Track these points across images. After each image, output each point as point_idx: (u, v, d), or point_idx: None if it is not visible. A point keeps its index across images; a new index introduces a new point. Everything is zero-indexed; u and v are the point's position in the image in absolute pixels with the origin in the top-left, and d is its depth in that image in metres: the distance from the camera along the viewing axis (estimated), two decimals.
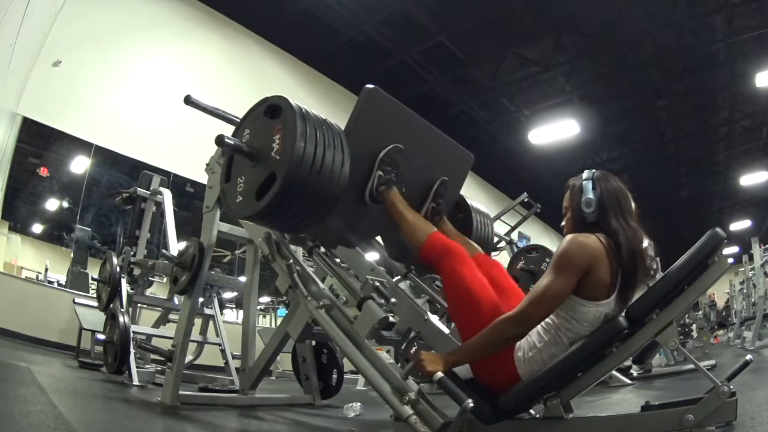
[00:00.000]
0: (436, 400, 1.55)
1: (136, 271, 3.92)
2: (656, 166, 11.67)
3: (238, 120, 2.51)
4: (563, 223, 1.64)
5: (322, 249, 2.15)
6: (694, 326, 7.00)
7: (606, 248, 1.46)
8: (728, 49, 7.49)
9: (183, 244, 2.86)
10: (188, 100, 2.47)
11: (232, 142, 1.67)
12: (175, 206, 3.99)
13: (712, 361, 4.32)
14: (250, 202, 1.66)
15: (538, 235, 11.98)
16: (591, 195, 1.54)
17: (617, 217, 1.52)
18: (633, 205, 1.58)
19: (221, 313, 4.06)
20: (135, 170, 5.23)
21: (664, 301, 1.40)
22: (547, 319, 1.49)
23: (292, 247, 2.26)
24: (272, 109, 1.69)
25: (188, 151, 5.18)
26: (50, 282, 5.75)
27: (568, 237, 1.48)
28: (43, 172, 6.21)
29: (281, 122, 1.63)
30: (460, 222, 2.30)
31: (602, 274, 1.44)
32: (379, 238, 2.43)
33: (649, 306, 1.42)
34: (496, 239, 4.55)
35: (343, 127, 1.78)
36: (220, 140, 1.64)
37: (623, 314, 1.46)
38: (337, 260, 2.33)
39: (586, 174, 1.60)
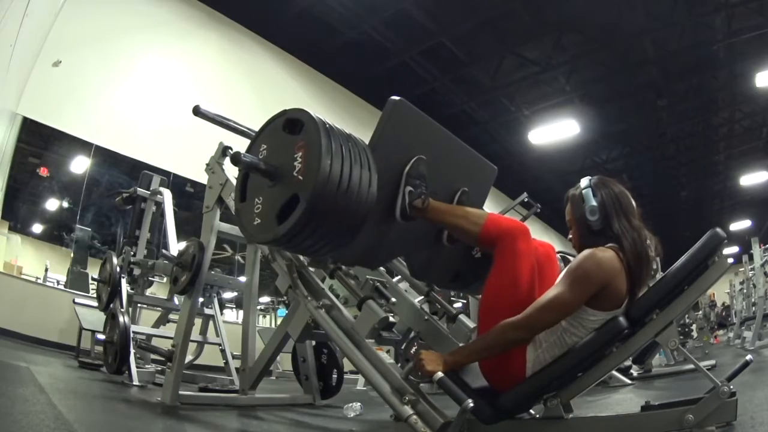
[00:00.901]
0: (436, 400, 1.55)
1: (136, 271, 3.92)
2: (656, 166, 11.68)
3: (248, 130, 2.49)
4: (570, 236, 1.63)
5: (344, 267, 2.05)
6: (694, 326, 7.00)
7: (623, 262, 1.45)
8: (728, 49, 7.50)
9: (183, 244, 2.86)
10: (197, 111, 2.38)
11: (248, 160, 1.54)
12: (175, 206, 3.99)
13: (712, 361, 4.32)
14: (270, 226, 1.52)
15: (538, 235, 11.79)
16: (593, 202, 1.53)
17: (620, 219, 1.52)
18: (634, 203, 1.57)
19: (221, 313, 4.06)
20: (135, 170, 5.24)
21: (664, 301, 1.41)
22: None
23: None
24: (292, 124, 1.56)
25: (188, 151, 5.19)
26: (50, 282, 5.75)
27: (586, 252, 1.46)
28: (43, 172, 6.22)
29: (303, 138, 1.50)
30: None
31: (619, 288, 1.44)
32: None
33: (649, 306, 1.42)
34: None
35: (365, 140, 1.66)
36: (236, 158, 1.51)
37: (623, 314, 1.46)
38: None
39: (584, 182, 1.60)
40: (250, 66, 7.25)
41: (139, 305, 4.09)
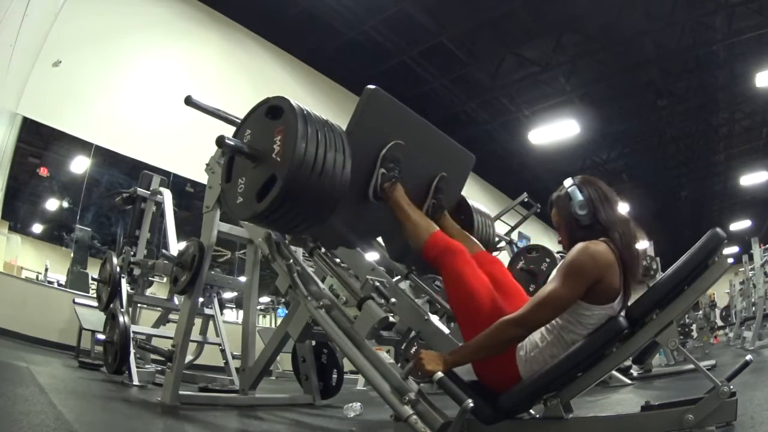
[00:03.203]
0: (436, 400, 1.55)
1: (136, 271, 3.92)
2: (656, 166, 11.67)
3: (237, 119, 2.53)
4: (559, 239, 1.66)
5: (323, 249, 2.13)
6: (694, 326, 7.00)
7: (616, 254, 1.47)
8: (728, 49, 7.50)
9: (183, 244, 2.86)
10: (189, 101, 2.45)
11: (232, 143, 1.65)
12: (175, 206, 3.99)
13: (712, 361, 4.33)
14: (251, 204, 1.64)
15: (538, 235, 11.96)
16: (581, 197, 1.55)
17: (607, 212, 1.54)
18: (616, 196, 1.61)
19: (221, 313, 4.06)
20: (135, 170, 5.23)
21: (664, 301, 1.41)
22: None
23: (293, 247, 2.26)
24: (274, 110, 1.67)
25: (188, 151, 5.18)
26: (50, 282, 5.75)
27: (579, 246, 1.47)
28: (43, 172, 6.21)
29: (282, 123, 1.61)
30: (462, 223, 2.31)
31: (613, 281, 1.45)
32: (379, 239, 2.42)
33: (649, 306, 1.42)
34: (496, 239, 4.54)
35: (344, 127, 1.77)
36: (220, 141, 1.63)
37: (623, 314, 1.46)
38: (337, 260, 2.32)
39: (568, 182, 1.63)
40: (250, 66, 7.24)
41: (139, 305, 4.10)
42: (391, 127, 1.89)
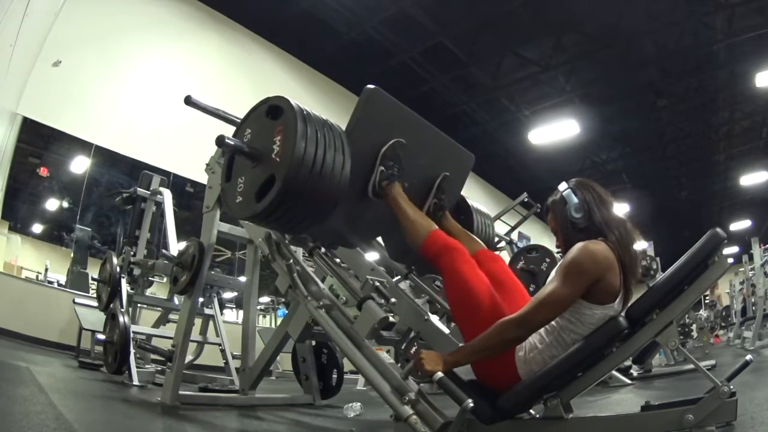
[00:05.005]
0: (436, 400, 1.55)
1: (136, 271, 3.92)
2: (656, 166, 11.67)
3: (237, 119, 2.53)
4: (556, 244, 1.66)
5: (323, 249, 2.14)
6: (694, 326, 7.01)
7: (616, 254, 1.47)
8: (728, 49, 7.49)
9: (183, 244, 2.86)
10: (188, 101, 2.46)
11: (232, 143, 1.66)
12: (175, 206, 3.99)
13: (712, 361, 4.33)
14: (250, 203, 1.65)
15: (538, 235, 11.96)
16: (576, 200, 1.56)
17: (603, 214, 1.55)
18: (611, 197, 1.61)
19: (221, 313, 4.06)
20: (135, 170, 5.24)
21: (664, 301, 1.41)
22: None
23: (293, 247, 2.26)
24: (273, 110, 1.68)
25: (188, 151, 5.18)
26: (50, 282, 5.75)
27: (579, 245, 1.47)
28: (43, 172, 6.21)
29: (282, 123, 1.62)
30: (462, 223, 2.31)
31: (614, 280, 1.45)
32: (379, 239, 2.42)
33: (649, 306, 1.42)
34: (496, 239, 4.55)
35: (344, 127, 1.77)
36: (220, 141, 1.63)
37: (623, 314, 1.46)
38: (337, 260, 2.32)
39: (563, 186, 1.63)
40: (250, 66, 7.24)
41: (139, 305, 4.10)
42: (391, 127, 1.90)
